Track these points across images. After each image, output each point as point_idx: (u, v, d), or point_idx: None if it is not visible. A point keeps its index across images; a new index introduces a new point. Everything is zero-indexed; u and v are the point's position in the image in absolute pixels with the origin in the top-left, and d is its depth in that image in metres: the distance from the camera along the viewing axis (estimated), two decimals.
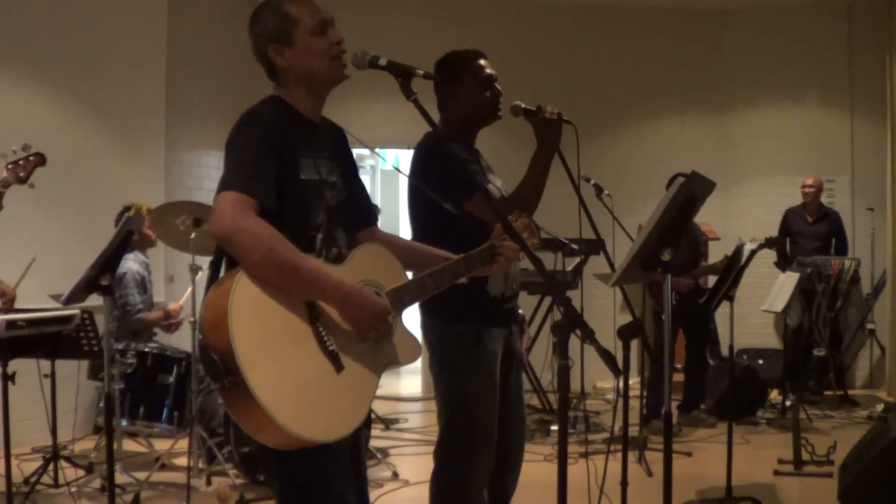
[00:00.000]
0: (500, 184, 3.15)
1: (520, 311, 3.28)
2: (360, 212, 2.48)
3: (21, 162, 3.99)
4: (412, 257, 2.50)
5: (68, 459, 4.83)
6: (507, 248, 2.57)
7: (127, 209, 5.04)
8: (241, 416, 1.99)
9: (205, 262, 4.47)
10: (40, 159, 4.03)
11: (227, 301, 1.95)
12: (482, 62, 3.11)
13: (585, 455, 3.35)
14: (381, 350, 2.23)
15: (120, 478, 4.55)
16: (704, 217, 7.20)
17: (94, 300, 4.01)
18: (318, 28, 2.26)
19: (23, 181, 3.97)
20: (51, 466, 4.61)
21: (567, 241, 5.53)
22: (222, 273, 2.14)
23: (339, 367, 2.10)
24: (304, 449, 2.04)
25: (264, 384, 1.93)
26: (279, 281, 2.03)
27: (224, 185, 2.07)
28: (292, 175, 2.18)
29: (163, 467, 4.91)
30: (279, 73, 2.29)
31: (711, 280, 6.13)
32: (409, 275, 2.44)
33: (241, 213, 2.02)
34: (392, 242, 2.51)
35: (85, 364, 5.40)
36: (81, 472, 4.78)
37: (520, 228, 2.59)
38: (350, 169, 2.45)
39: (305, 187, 2.22)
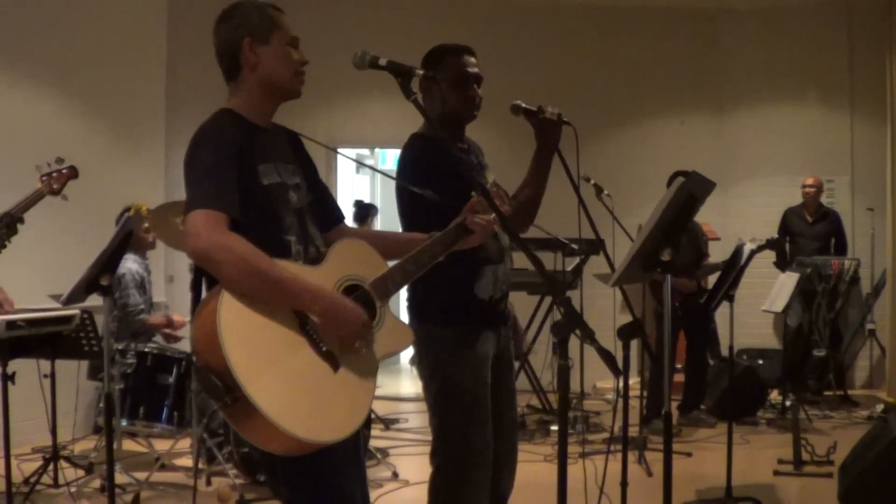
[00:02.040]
0: (492, 179, 3.08)
1: (512, 312, 3.21)
2: (327, 211, 2.50)
3: (55, 174, 4.09)
4: (388, 246, 2.49)
5: (68, 459, 4.84)
6: (479, 220, 2.53)
7: (127, 209, 5.05)
8: (249, 431, 1.99)
9: None
10: (73, 172, 4.15)
11: (215, 319, 1.95)
12: (465, 59, 2.97)
13: (585, 455, 3.36)
14: (374, 342, 2.23)
15: (120, 478, 4.55)
16: (704, 217, 7.18)
17: (94, 300, 4.02)
18: (293, 42, 2.32)
19: (56, 193, 4.09)
20: (51, 466, 4.62)
21: (567, 241, 5.54)
22: (203, 294, 2.15)
23: (335, 366, 2.11)
24: (311, 452, 2.04)
25: (266, 395, 1.94)
26: (259, 293, 2.03)
27: (191, 205, 2.07)
28: (254, 183, 2.19)
29: (163, 467, 4.92)
30: (241, 71, 2.29)
31: (711, 280, 6.13)
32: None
33: (213, 230, 2.02)
34: (365, 235, 2.53)
35: (85, 364, 5.39)
36: (81, 473, 4.78)
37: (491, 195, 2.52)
38: (310, 171, 2.46)
39: (269, 192, 2.22)
